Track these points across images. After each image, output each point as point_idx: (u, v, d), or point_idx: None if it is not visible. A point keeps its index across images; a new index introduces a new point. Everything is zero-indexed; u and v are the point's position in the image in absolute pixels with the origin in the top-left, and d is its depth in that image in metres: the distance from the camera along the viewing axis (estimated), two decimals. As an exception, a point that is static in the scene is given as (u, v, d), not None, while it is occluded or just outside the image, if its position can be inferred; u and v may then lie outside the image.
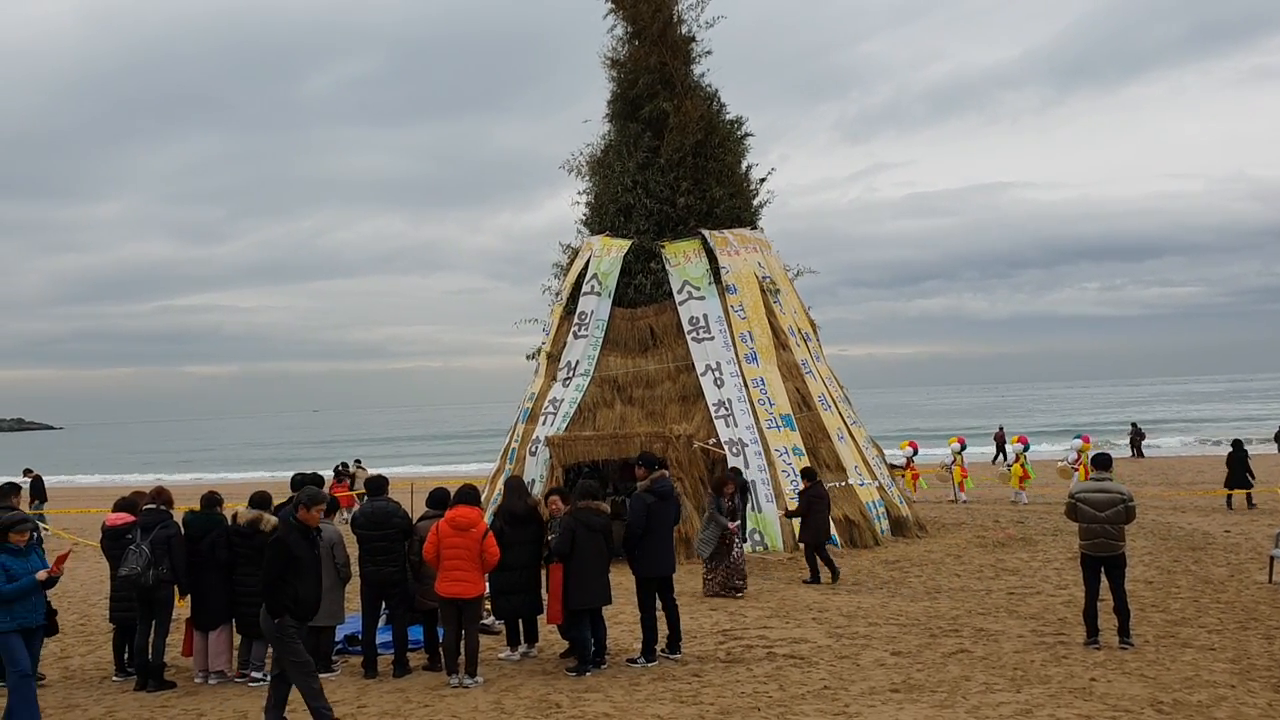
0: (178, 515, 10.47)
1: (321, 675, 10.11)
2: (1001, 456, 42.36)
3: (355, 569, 10.53)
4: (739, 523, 14.24)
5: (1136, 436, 42.26)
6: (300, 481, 11.59)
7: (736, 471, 16.14)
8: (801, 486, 15.78)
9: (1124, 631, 10.39)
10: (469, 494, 10.01)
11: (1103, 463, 10.95)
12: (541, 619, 10.76)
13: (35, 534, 9.01)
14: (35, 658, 8.69)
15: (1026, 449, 26.42)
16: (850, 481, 18.13)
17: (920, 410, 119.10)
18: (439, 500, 10.58)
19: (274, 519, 10.28)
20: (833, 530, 16.96)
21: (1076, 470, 25.04)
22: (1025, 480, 25.71)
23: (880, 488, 18.78)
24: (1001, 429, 45.06)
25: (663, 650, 10.46)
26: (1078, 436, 27.12)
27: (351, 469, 29.24)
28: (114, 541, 10.45)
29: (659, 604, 10.51)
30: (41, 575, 8.54)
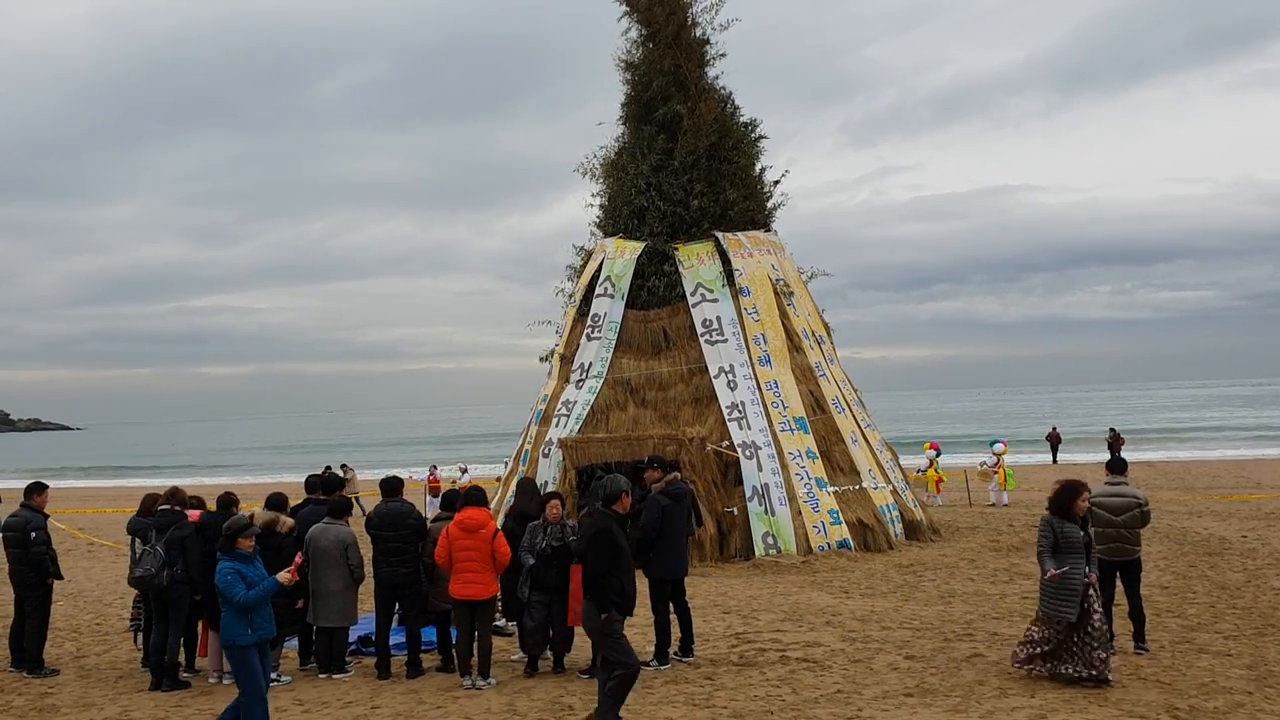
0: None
1: (336, 676, 10.19)
2: (1053, 458, 42.62)
3: (369, 570, 10.56)
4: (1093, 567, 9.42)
5: (1115, 442, 42.05)
6: (315, 483, 11.65)
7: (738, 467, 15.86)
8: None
9: (1139, 637, 10.33)
10: (476, 496, 10.03)
11: (1118, 467, 10.89)
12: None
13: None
14: (269, 670, 8.33)
15: (939, 454, 27.29)
16: (864, 485, 18.08)
17: (911, 415, 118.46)
18: (451, 502, 10.60)
19: (290, 520, 10.34)
20: (846, 534, 16.97)
21: (995, 473, 26.23)
22: (940, 484, 26.86)
23: (894, 491, 18.72)
24: (1055, 430, 45.14)
25: (675, 653, 10.45)
26: (995, 442, 27.86)
27: (345, 474, 29.25)
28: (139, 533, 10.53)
29: (671, 607, 10.50)
30: (284, 577, 8.12)
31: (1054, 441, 43.94)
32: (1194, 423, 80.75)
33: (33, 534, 10.67)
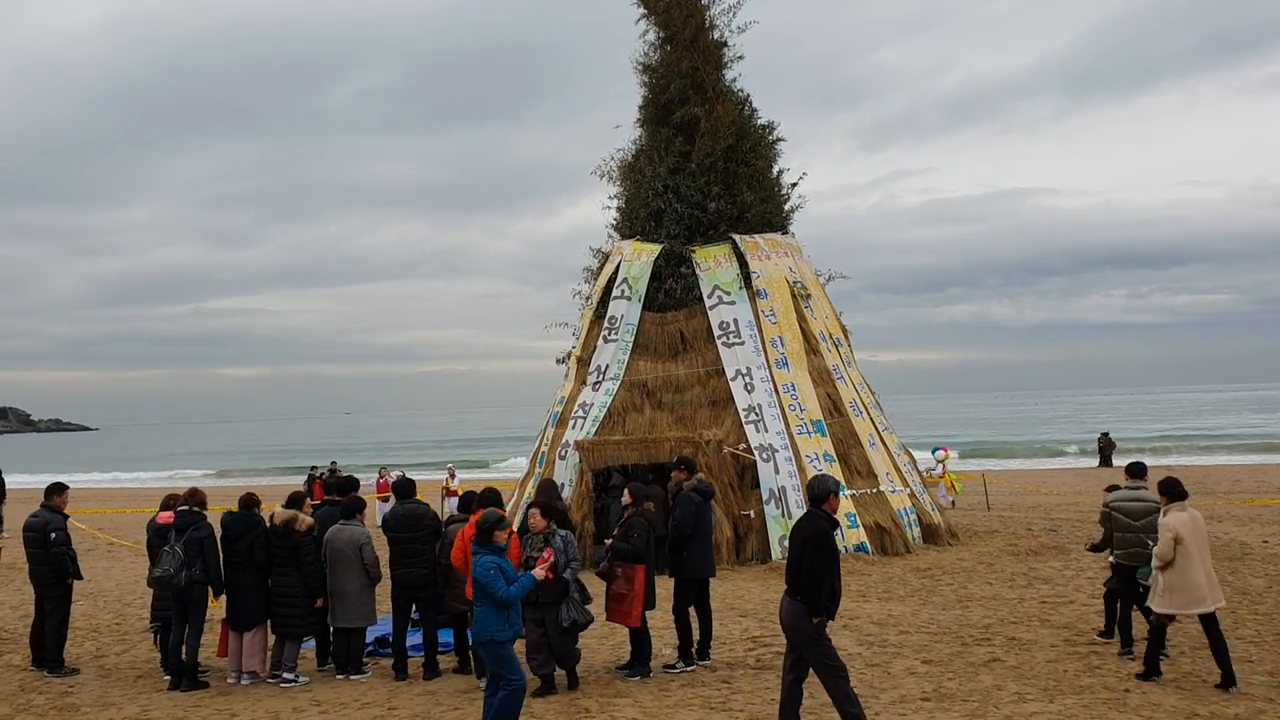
0: (213, 516, 10.58)
1: (353, 677, 10.23)
2: (1100, 462, 42.35)
3: (385, 570, 10.59)
4: None
5: (1107, 446, 41.61)
6: (334, 485, 11.68)
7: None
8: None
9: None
10: (491, 498, 10.04)
11: (1137, 471, 10.82)
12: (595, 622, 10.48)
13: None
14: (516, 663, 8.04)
15: None
16: (882, 488, 18.02)
17: (941, 419, 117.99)
18: (468, 504, 10.62)
19: (309, 519, 10.39)
20: (863, 538, 16.93)
21: (941, 479, 26.37)
22: None
23: (912, 495, 18.65)
24: (1104, 435, 44.90)
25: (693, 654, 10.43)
26: (937, 449, 28.21)
27: (336, 472, 29.31)
28: (160, 539, 10.61)
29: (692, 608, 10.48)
30: (539, 574, 8.07)
31: (1104, 447, 43.64)
32: (1214, 427, 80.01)
33: (53, 534, 10.76)
